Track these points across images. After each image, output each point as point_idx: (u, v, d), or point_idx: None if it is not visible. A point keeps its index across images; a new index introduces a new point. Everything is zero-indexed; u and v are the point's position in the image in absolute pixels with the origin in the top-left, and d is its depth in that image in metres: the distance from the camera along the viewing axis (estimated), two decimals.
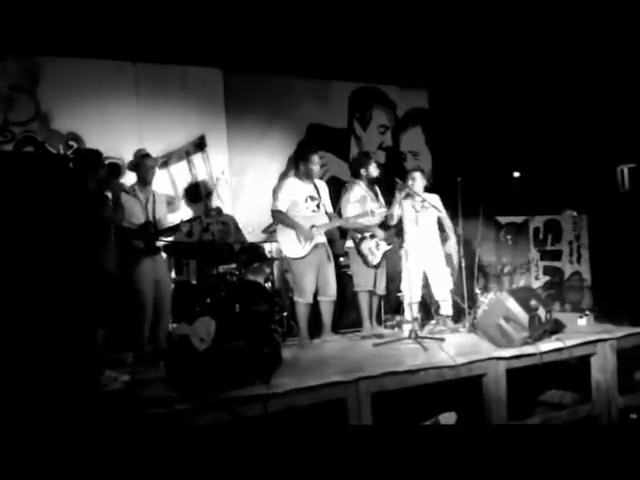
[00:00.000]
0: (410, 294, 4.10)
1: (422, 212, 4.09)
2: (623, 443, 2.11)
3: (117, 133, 4.61)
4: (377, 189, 4.24)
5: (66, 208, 2.51)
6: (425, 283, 4.18)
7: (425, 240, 4.13)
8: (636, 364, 3.79)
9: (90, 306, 2.38)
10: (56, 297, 2.20)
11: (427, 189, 4.28)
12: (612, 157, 4.72)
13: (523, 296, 3.43)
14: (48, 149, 3.64)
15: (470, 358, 3.10)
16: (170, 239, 3.70)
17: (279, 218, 3.85)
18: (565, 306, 4.69)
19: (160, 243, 3.54)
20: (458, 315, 4.20)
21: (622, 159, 4.65)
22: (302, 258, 3.78)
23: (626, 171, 4.62)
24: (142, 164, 3.55)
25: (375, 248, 4.04)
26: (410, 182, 4.11)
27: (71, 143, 4.45)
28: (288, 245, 3.80)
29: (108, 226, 3.12)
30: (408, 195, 4.04)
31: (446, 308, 4.17)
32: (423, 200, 4.04)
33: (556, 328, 3.59)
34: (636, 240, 3.99)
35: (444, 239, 4.27)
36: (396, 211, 4.06)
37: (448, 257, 4.22)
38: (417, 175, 4.19)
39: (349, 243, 4.14)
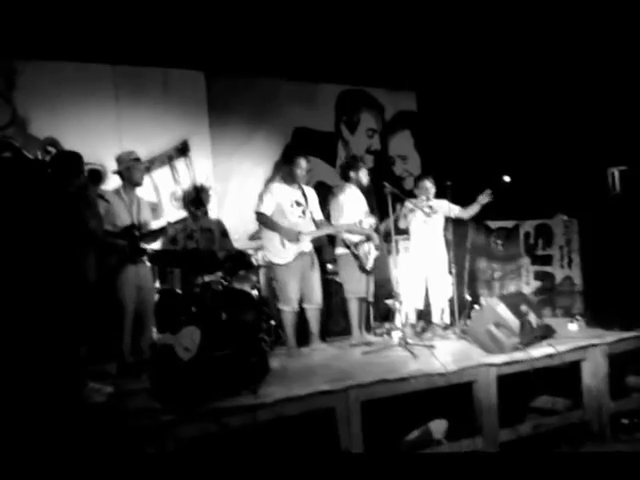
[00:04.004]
0: (409, 299, 4.20)
1: (431, 217, 4.23)
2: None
3: (96, 138, 4.63)
4: (364, 195, 4.33)
5: (45, 214, 2.55)
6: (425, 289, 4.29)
7: (429, 247, 4.25)
8: (627, 369, 3.91)
9: (71, 316, 2.41)
10: (36, 307, 2.24)
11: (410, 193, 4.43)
12: (603, 160, 4.86)
13: (514, 301, 3.53)
14: (25, 155, 3.67)
15: (460, 365, 3.18)
16: (154, 247, 3.74)
17: (262, 221, 3.89)
18: (556, 311, 4.82)
19: (146, 251, 3.58)
20: (451, 322, 4.30)
21: (613, 162, 4.79)
22: (286, 265, 3.83)
23: (617, 174, 4.76)
24: (135, 167, 3.59)
25: (369, 252, 4.12)
26: (424, 194, 4.26)
27: (49, 148, 4.47)
28: (272, 251, 3.86)
29: (89, 233, 3.15)
30: (413, 209, 4.16)
31: (441, 316, 4.27)
32: (425, 209, 4.19)
33: (547, 333, 3.69)
34: (627, 244, 4.12)
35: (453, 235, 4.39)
36: (403, 225, 4.21)
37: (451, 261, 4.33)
38: (429, 184, 4.33)
39: (339, 250, 4.21)
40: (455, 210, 4.33)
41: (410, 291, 4.19)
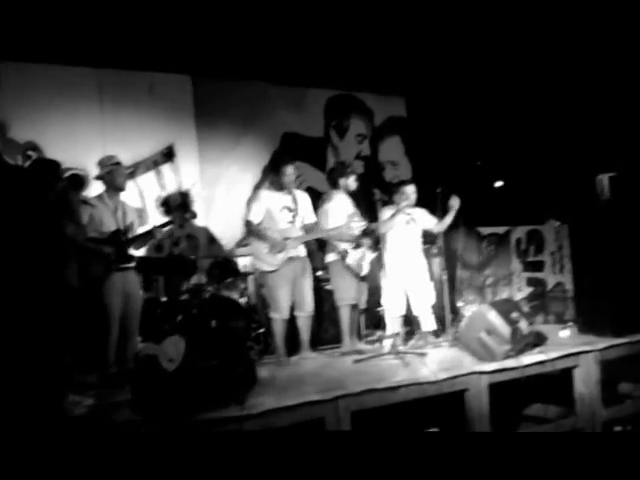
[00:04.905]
0: (391, 308, 4.19)
1: (410, 225, 4.22)
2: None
3: (80, 142, 4.58)
4: (353, 201, 4.31)
5: (22, 221, 2.50)
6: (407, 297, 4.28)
7: (408, 254, 4.24)
8: (620, 376, 3.93)
9: (52, 324, 2.36)
10: (14, 315, 2.19)
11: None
12: (592, 166, 4.92)
13: (505, 308, 3.55)
14: (5, 160, 3.62)
15: (452, 373, 3.18)
16: (139, 253, 3.70)
17: (251, 229, 3.91)
18: (549, 317, 4.84)
19: (133, 257, 3.54)
20: (442, 329, 4.30)
21: (602, 168, 4.85)
22: (275, 271, 3.82)
23: (606, 180, 4.82)
24: (117, 171, 3.56)
25: (361, 258, 4.10)
26: (405, 200, 4.16)
27: (30, 153, 4.41)
28: (261, 257, 3.85)
29: (69, 239, 3.10)
30: (395, 214, 4.14)
31: (428, 323, 4.26)
32: (408, 215, 4.17)
33: (538, 340, 3.71)
34: (617, 249, 4.16)
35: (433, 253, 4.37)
36: (386, 229, 4.14)
37: (433, 268, 4.31)
38: (410, 190, 4.24)
39: (330, 257, 4.18)
40: (432, 222, 4.31)
41: (392, 299, 4.18)
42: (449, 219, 4.25)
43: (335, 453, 2.16)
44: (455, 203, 4.18)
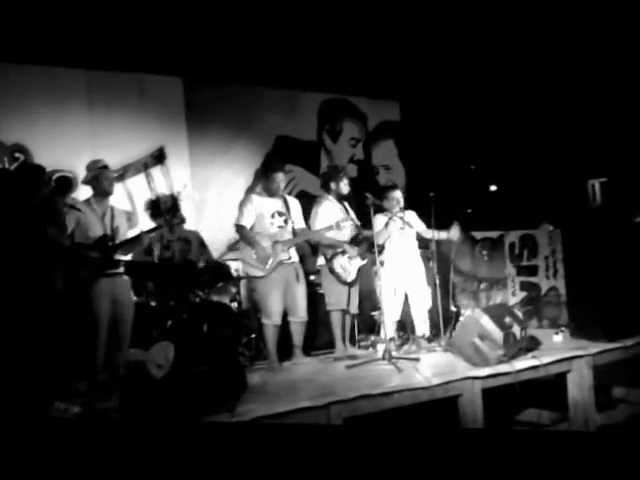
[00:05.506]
0: (390, 312, 4.18)
1: (404, 229, 4.22)
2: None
3: (68, 144, 4.54)
4: (347, 205, 4.29)
5: (8, 224, 2.46)
6: (405, 301, 4.26)
7: (406, 258, 4.23)
8: (613, 380, 3.94)
9: (37, 330, 2.32)
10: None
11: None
12: (584, 171, 4.95)
13: (498, 313, 3.54)
14: None
15: (445, 378, 3.17)
16: (128, 258, 3.65)
17: (242, 234, 3.90)
18: (543, 322, 4.84)
19: (120, 262, 3.50)
20: (436, 334, 4.28)
21: (594, 173, 4.88)
22: (265, 277, 3.80)
23: (597, 185, 4.84)
24: (103, 176, 3.52)
25: (348, 264, 4.08)
26: (395, 204, 4.18)
27: (17, 155, 4.36)
28: (250, 263, 3.83)
29: (54, 244, 3.05)
30: (391, 218, 4.13)
31: (423, 328, 4.25)
32: (403, 219, 4.17)
33: (531, 345, 3.70)
34: (608, 254, 4.17)
35: (426, 257, 4.38)
36: (382, 239, 4.12)
37: (430, 272, 4.30)
38: (399, 194, 4.26)
39: (321, 260, 4.18)
40: (422, 226, 4.33)
41: (388, 303, 4.17)
42: (440, 236, 4.26)
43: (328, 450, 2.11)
44: (455, 235, 4.20)
